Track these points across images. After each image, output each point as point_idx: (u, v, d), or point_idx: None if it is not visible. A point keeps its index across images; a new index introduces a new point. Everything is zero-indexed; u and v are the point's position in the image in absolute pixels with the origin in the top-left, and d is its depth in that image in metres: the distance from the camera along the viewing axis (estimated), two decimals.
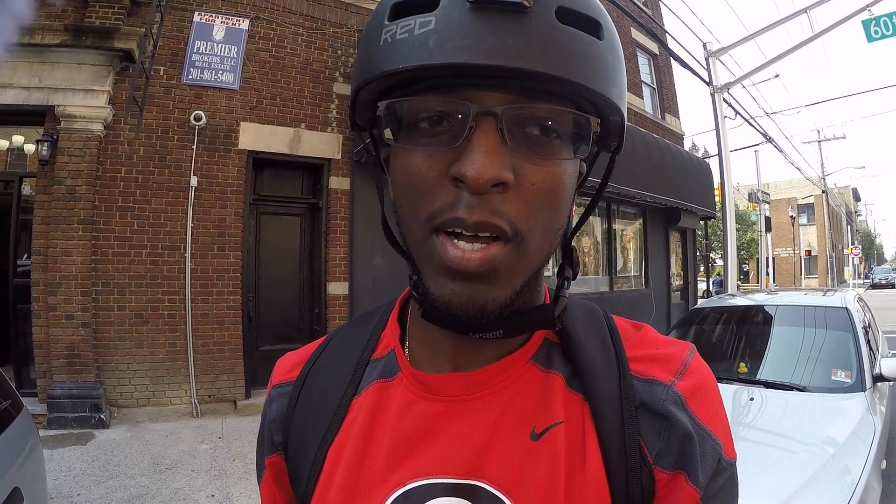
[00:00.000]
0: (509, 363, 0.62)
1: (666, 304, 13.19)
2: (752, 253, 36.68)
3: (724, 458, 0.59)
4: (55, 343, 5.99)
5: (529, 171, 0.52)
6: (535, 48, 0.49)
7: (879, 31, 9.39)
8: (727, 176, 11.72)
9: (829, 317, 4.35)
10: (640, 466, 0.57)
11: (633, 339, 0.66)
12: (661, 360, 0.62)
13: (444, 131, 0.52)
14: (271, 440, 0.71)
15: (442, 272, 0.54)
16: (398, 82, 0.55)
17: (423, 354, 0.66)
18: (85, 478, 4.58)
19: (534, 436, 0.59)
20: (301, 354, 0.75)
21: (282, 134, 7.29)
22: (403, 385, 0.64)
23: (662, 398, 0.59)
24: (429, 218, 0.53)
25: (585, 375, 0.61)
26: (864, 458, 2.74)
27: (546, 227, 0.55)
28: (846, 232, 54.52)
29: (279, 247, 7.69)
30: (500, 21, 0.49)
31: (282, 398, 0.71)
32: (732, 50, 11.70)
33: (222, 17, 6.92)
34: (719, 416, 0.61)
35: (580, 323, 0.66)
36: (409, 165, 0.54)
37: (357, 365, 0.69)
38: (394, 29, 0.52)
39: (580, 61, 0.51)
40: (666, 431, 0.58)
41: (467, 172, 0.49)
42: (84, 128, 6.12)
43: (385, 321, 0.73)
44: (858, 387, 3.55)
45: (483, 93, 0.52)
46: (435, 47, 0.50)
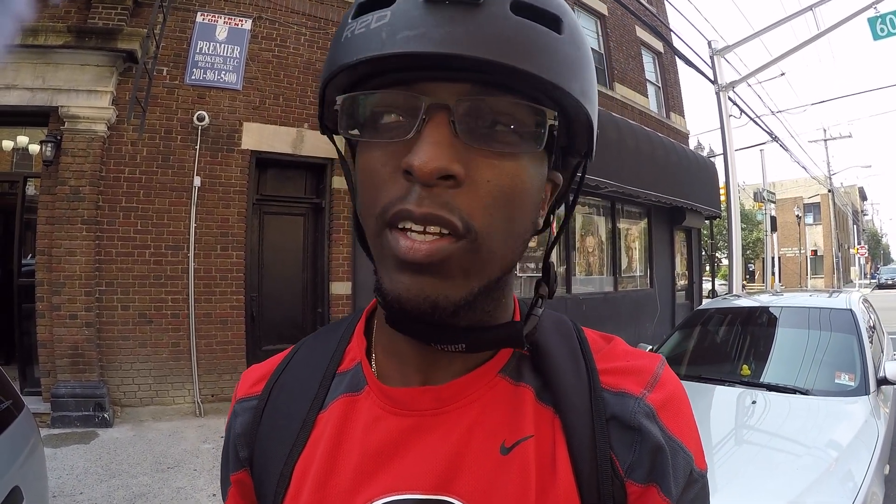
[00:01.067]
0: (478, 376, 0.61)
1: (671, 304, 13.15)
2: (757, 252, 36.55)
3: (696, 470, 0.59)
4: (59, 342, 6.01)
5: (484, 167, 0.51)
6: (484, 37, 0.48)
7: (886, 29, 9.33)
8: (732, 175, 11.68)
9: (833, 319, 4.32)
10: (611, 479, 0.57)
11: (604, 351, 0.65)
12: (631, 372, 0.62)
13: (399, 125, 0.52)
14: (237, 456, 0.70)
15: (393, 266, 0.52)
16: (359, 78, 0.54)
17: (390, 367, 0.65)
18: (87, 476, 4.59)
19: (503, 450, 0.58)
20: (266, 368, 0.73)
21: (285, 134, 7.29)
22: (370, 399, 0.63)
23: (634, 411, 0.59)
24: (381, 212, 0.52)
25: (556, 388, 0.60)
26: (866, 462, 2.72)
27: (506, 230, 0.54)
28: (852, 231, 54.31)
29: (282, 247, 7.68)
30: (452, 13, 0.48)
31: (246, 413, 0.70)
32: (738, 48, 11.65)
33: (225, 17, 6.92)
34: (690, 428, 0.61)
35: (550, 335, 0.65)
36: (367, 161, 0.54)
37: (323, 378, 0.67)
38: (354, 26, 0.53)
39: (533, 51, 0.50)
40: (637, 444, 0.58)
41: (413, 163, 0.48)
42: (88, 128, 6.15)
43: (351, 333, 0.71)
44: (862, 390, 3.52)
45: (437, 86, 0.51)
46: (387, 38, 0.49)
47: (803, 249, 38.12)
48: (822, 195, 40.53)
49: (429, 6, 0.49)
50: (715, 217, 14.62)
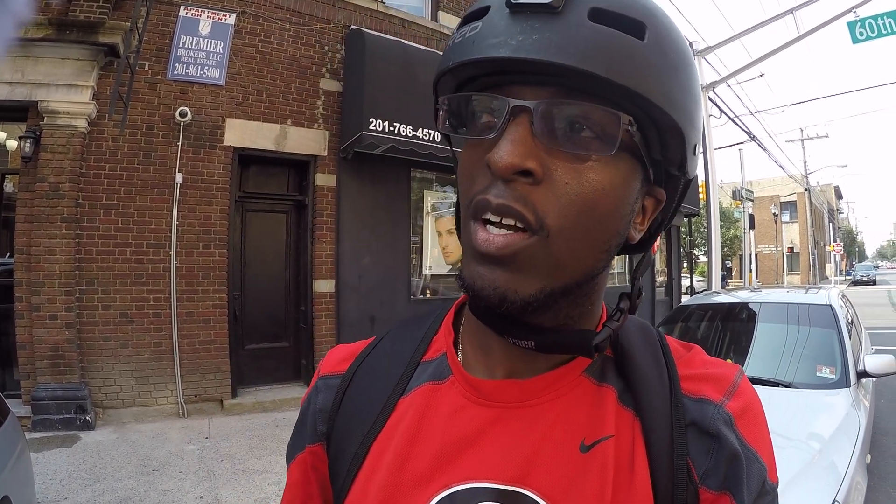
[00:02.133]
0: (563, 374, 0.63)
1: (650, 300, 13.24)
2: (735, 250, 36.97)
3: (768, 482, 0.60)
4: (39, 344, 5.90)
5: (562, 169, 0.53)
6: (557, 43, 0.50)
7: (864, 33, 9.50)
8: (712, 174, 11.82)
9: (813, 314, 4.40)
10: (686, 485, 0.58)
11: (684, 358, 0.66)
12: (711, 379, 0.63)
13: (488, 125, 0.55)
14: (314, 430, 0.72)
15: (471, 255, 0.56)
16: (461, 81, 0.60)
17: (476, 359, 0.66)
18: (71, 481, 4.52)
19: (583, 448, 0.59)
20: (352, 349, 0.76)
21: (268, 130, 7.24)
22: (455, 389, 0.65)
23: (713, 417, 0.59)
24: (468, 203, 0.56)
25: (638, 391, 0.61)
26: (849, 453, 2.78)
27: (585, 235, 0.54)
28: (828, 229, 55.10)
29: (265, 244, 7.64)
30: (533, 21, 0.51)
31: (329, 390, 0.73)
32: (718, 49, 11.79)
33: (208, 11, 6.84)
34: (765, 439, 0.61)
35: (635, 339, 0.66)
36: (464, 156, 0.59)
37: (407, 365, 0.70)
38: (456, 35, 0.57)
39: (609, 56, 0.50)
40: (714, 451, 0.59)
41: (492, 158, 0.52)
42: (68, 124, 6.03)
43: (438, 325, 0.73)
44: (843, 383, 3.60)
45: (523, 89, 0.54)
46: (475, 46, 0.53)
47: (780, 247, 38.64)
48: (798, 193, 41.12)
49: (513, 16, 0.52)
50: (694, 215, 14.75)
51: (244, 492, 4.45)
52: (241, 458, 5.18)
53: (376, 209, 7.93)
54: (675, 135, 0.56)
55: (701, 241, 23.32)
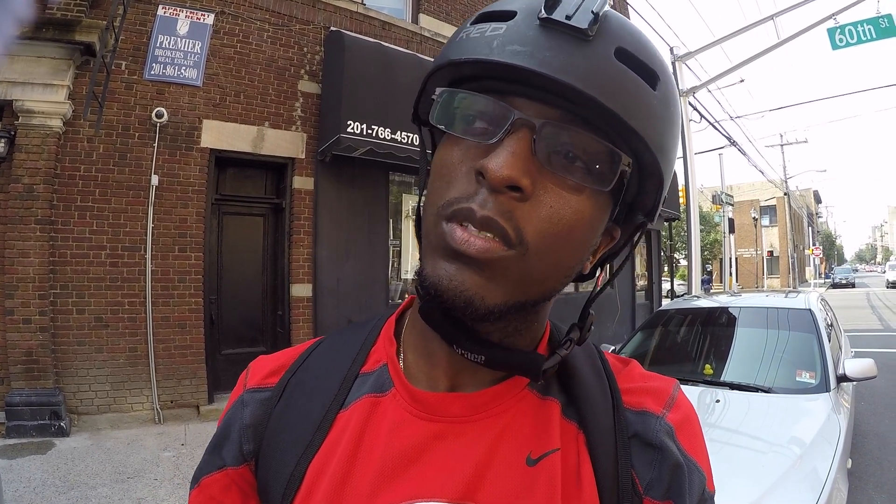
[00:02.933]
0: (508, 387, 0.62)
1: (630, 304, 13.32)
2: (715, 253, 37.32)
3: (707, 491, 0.61)
4: (13, 348, 5.78)
5: (550, 191, 0.53)
6: (584, 70, 0.50)
7: (844, 40, 9.63)
8: (692, 178, 11.89)
9: (792, 318, 4.42)
10: (631, 496, 0.59)
11: (623, 372, 0.68)
12: (650, 392, 0.65)
13: (485, 130, 0.54)
14: (240, 448, 0.66)
15: (442, 253, 0.54)
16: (461, 77, 0.57)
17: (418, 371, 0.65)
18: (45, 488, 4.43)
19: (530, 461, 0.59)
20: (281, 360, 0.71)
21: (245, 132, 7.15)
22: (396, 402, 0.63)
23: (655, 429, 0.61)
24: (445, 204, 0.54)
25: (582, 405, 0.62)
26: (830, 458, 2.77)
27: (555, 258, 0.55)
28: (807, 233, 55.80)
29: (242, 248, 7.54)
30: (561, 40, 0.51)
31: (257, 405, 0.67)
32: (699, 54, 11.88)
33: (187, 10, 6.75)
34: (703, 449, 0.64)
35: (577, 354, 0.67)
36: (446, 154, 0.56)
37: (345, 378, 0.66)
38: (471, 30, 0.56)
39: (625, 97, 0.52)
40: (657, 462, 0.60)
41: (489, 165, 0.51)
42: (42, 124, 5.92)
43: (377, 335, 0.71)
44: (823, 387, 3.60)
45: (529, 103, 0.53)
46: (496, 47, 0.52)
47: (760, 250, 39.09)
48: (778, 198, 41.58)
49: (543, 30, 0.52)
50: (674, 219, 14.85)
51: None
52: None
53: (355, 213, 7.87)
54: (656, 183, 0.59)
55: (681, 244, 23.55)
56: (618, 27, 0.54)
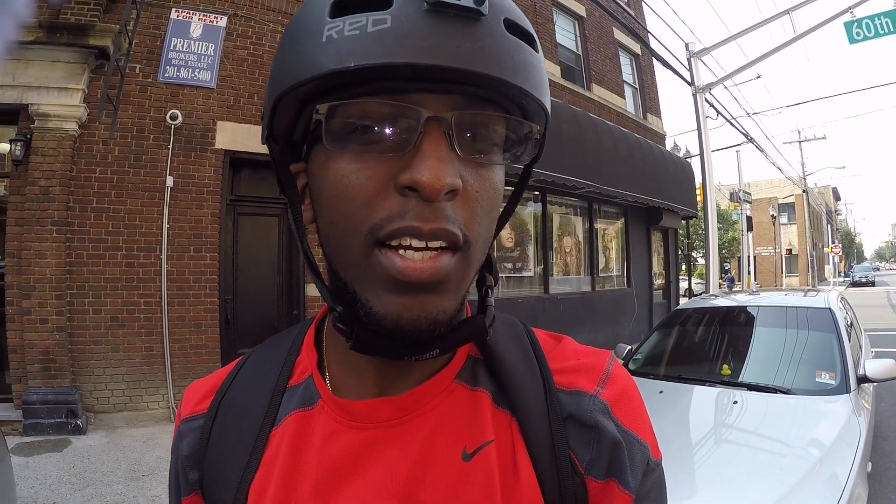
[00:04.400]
0: (435, 384, 0.61)
1: (648, 303, 13.24)
2: (733, 252, 36.99)
3: (652, 460, 0.61)
4: (30, 347, 5.87)
5: (473, 178, 0.52)
6: (490, 54, 0.49)
7: (861, 33, 9.47)
8: (709, 176, 11.77)
9: (812, 318, 4.34)
10: (572, 477, 0.58)
11: (555, 351, 0.66)
12: (583, 370, 0.63)
13: (388, 137, 0.50)
14: (186, 479, 0.67)
15: (388, 287, 0.51)
16: (332, 85, 0.50)
17: (344, 380, 0.63)
18: (61, 486, 4.48)
19: (465, 456, 0.58)
20: (210, 383, 0.70)
21: (259, 133, 7.08)
22: (325, 413, 0.62)
23: (589, 409, 0.60)
24: (370, 230, 0.50)
25: (511, 392, 0.61)
26: (850, 462, 2.71)
27: (486, 235, 0.55)
28: (826, 231, 55.23)
29: (257, 248, 7.57)
30: (457, 25, 0.48)
31: (192, 433, 0.67)
32: (714, 51, 11.75)
33: (200, 13, 6.80)
34: (643, 420, 0.63)
35: (503, 338, 0.66)
36: (342, 173, 0.51)
37: (273, 393, 0.65)
38: (340, 25, 0.48)
39: (527, 70, 0.51)
40: (595, 441, 0.59)
41: (423, 179, 0.47)
42: (58, 127, 6.00)
43: (300, 345, 0.69)
44: (843, 388, 3.52)
45: (428, 97, 0.50)
46: (393, 45, 0.47)
47: (778, 249, 38.71)
48: (796, 195, 41.13)
49: (433, 17, 0.47)
50: (691, 217, 14.75)
51: None
52: None
53: None
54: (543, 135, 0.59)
55: (699, 243, 23.34)
56: None
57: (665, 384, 3.93)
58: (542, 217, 10.13)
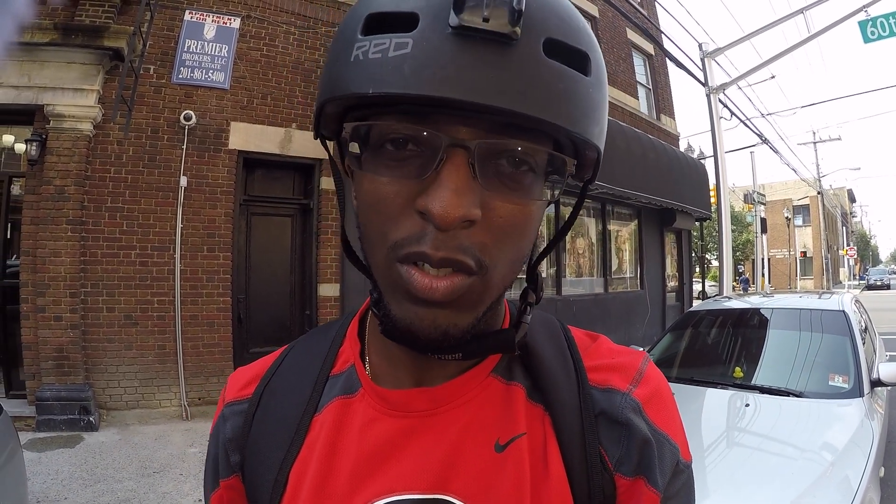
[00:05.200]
0: (471, 377, 0.62)
1: (661, 305, 13.17)
2: (747, 254, 36.73)
3: (682, 461, 0.62)
4: (44, 345, 5.94)
5: (498, 206, 0.51)
6: (517, 86, 0.46)
7: (876, 32, 9.38)
8: (723, 177, 11.70)
9: (825, 320, 4.30)
10: (601, 474, 0.59)
11: (590, 349, 0.67)
12: (617, 369, 0.64)
13: (413, 159, 0.50)
14: (227, 461, 0.68)
15: (405, 297, 0.52)
16: (367, 102, 0.51)
17: (384, 370, 0.65)
18: (72, 481, 4.53)
19: (498, 448, 0.59)
20: (255, 370, 0.72)
21: (272, 134, 7.23)
22: (365, 402, 0.63)
23: (621, 406, 0.61)
24: (393, 247, 0.51)
25: (546, 387, 0.62)
26: (862, 466, 2.69)
27: (511, 258, 0.54)
28: (841, 233, 54.72)
29: (270, 248, 7.62)
30: (482, 52, 0.46)
31: (236, 417, 0.69)
32: (728, 51, 11.68)
33: (213, 15, 6.86)
34: (675, 421, 0.63)
35: (539, 335, 0.66)
36: (374, 188, 0.52)
37: (316, 381, 0.67)
38: (366, 46, 0.49)
39: (564, 101, 0.49)
40: (625, 439, 0.60)
41: (434, 210, 0.48)
42: (73, 127, 6.07)
43: (343, 335, 0.71)
44: (856, 392, 3.49)
45: (455, 122, 0.49)
46: (410, 75, 0.46)
47: (793, 251, 38.35)
48: (811, 197, 40.78)
49: (458, 41, 0.46)
50: (705, 219, 14.66)
51: None
52: None
53: None
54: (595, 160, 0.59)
55: (713, 245, 23.21)
56: (539, 10, 0.49)
57: (677, 386, 3.89)
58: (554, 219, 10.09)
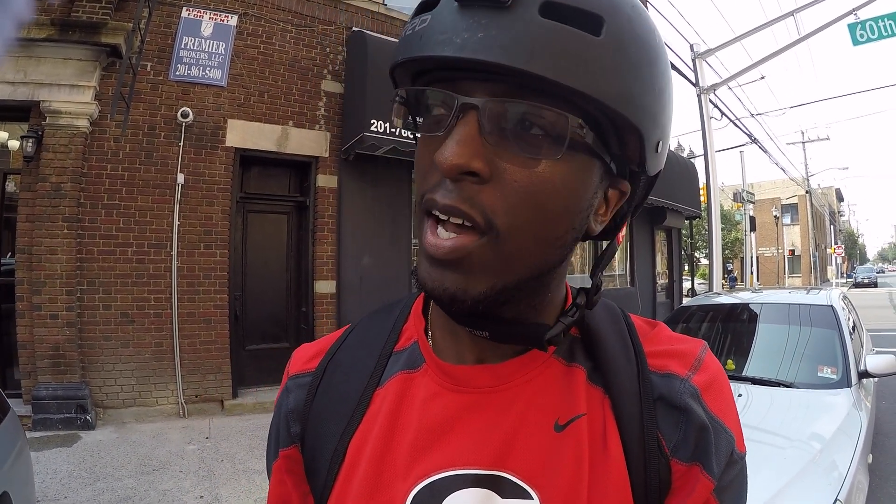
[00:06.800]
0: (533, 356, 0.63)
1: (651, 302, 13.26)
2: (736, 252, 36.95)
3: (736, 451, 0.61)
4: (40, 343, 5.92)
5: (511, 168, 0.52)
6: (502, 41, 0.48)
7: (865, 35, 9.49)
8: (713, 176, 11.81)
9: (814, 314, 4.40)
10: (658, 458, 0.59)
11: (650, 335, 0.68)
12: (676, 355, 0.64)
13: (440, 121, 0.55)
14: (288, 431, 0.71)
15: (423, 255, 0.56)
16: (419, 72, 0.58)
17: (446, 346, 0.66)
18: (72, 480, 4.52)
19: (557, 427, 0.60)
20: (320, 345, 0.75)
21: (269, 131, 7.25)
22: (428, 376, 0.65)
23: (680, 391, 0.61)
24: (420, 199, 0.56)
25: (607, 370, 0.63)
26: (850, 453, 2.77)
27: (535, 232, 0.54)
28: (829, 232, 55.08)
29: (266, 245, 7.65)
30: (481, 17, 0.50)
31: (300, 389, 0.71)
32: (719, 52, 11.79)
33: (211, 12, 6.86)
34: (731, 410, 0.63)
35: (601, 319, 0.67)
36: (419, 151, 0.58)
37: (380, 356, 0.69)
38: (409, 26, 0.56)
39: (554, 56, 0.49)
40: (683, 424, 0.60)
41: (437, 158, 0.52)
42: (69, 124, 6.05)
43: (407, 313, 0.73)
44: (844, 383, 3.59)
45: (474, 85, 0.53)
46: (424, 41, 0.52)
47: (781, 249, 38.58)
48: (799, 196, 41.06)
49: (461, 10, 0.51)
50: (695, 217, 14.77)
51: (244, 492, 4.45)
52: (241, 458, 5.17)
53: (377, 210, 7.94)
54: (633, 133, 0.56)
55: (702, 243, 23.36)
56: None
57: None
58: None
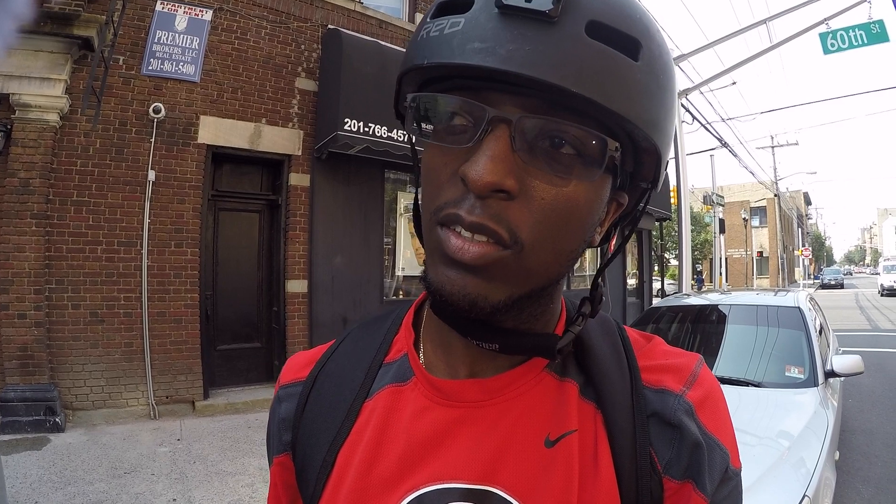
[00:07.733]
0: (525, 371, 0.63)
1: (622, 302, 13.39)
2: (705, 253, 37.48)
3: (731, 468, 0.61)
4: (7, 343, 5.77)
5: (539, 184, 0.52)
6: (551, 59, 0.48)
7: (836, 44, 9.72)
8: (683, 179, 11.97)
9: (781, 315, 4.49)
10: (650, 475, 0.58)
11: (645, 349, 0.67)
12: (671, 370, 0.64)
13: (463, 130, 0.53)
14: (279, 439, 0.72)
15: (440, 259, 0.54)
16: (432, 77, 0.56)
17: (437, 360, 0.66)
18: (42, 485, 4.42)
19: (548, 443, 0.59)
20: (312, 354, 0.75)
21: (242, 128, 7.18)
22: (417, 390, 0.65)
23: (673, 408, 0.60)
24: (435, 210, 0.54)
25: (599, 385, 0.62)
26: (818, 450, 2.84)
27: (555, 247, 0.54)
28: (797, 234, 56.09)
29: (238, 244, 7.58)
30: (524, 28, 0.48)
31: (291, 398, 0.72)
32: (692, 57, 11.95)
33: (185, 6, 6.76)
34: (727, 426, 0.62)
35: (595, 333, 0.67)
36: (430, 158, 0.56)
37: (369, 368, 0.69)
38: (430, 27, 0.54)
39: (603, 79, 0.49)
40: (676, 441, 0.59)
41: (469, 174, 0.50)
42: (39, 118, 5.91)
43: (399, 324, 0.73)
44: (811, 382, 3.68)
45: (503, 97, 0.51)
46: (456, 47, 0.50)
47: (749, 251, 39.31)
48: (768, 199, 41.85)
49: (503, 19, 0.49)
50: (665, 219, 14.94)
51: (217, 494, 4.40)
52: (213, 459, 5.12)
53: (350, 210, 7.91)
54: (652, 154, 0.57)
55: (672, 244, 23.68)
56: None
57: None
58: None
